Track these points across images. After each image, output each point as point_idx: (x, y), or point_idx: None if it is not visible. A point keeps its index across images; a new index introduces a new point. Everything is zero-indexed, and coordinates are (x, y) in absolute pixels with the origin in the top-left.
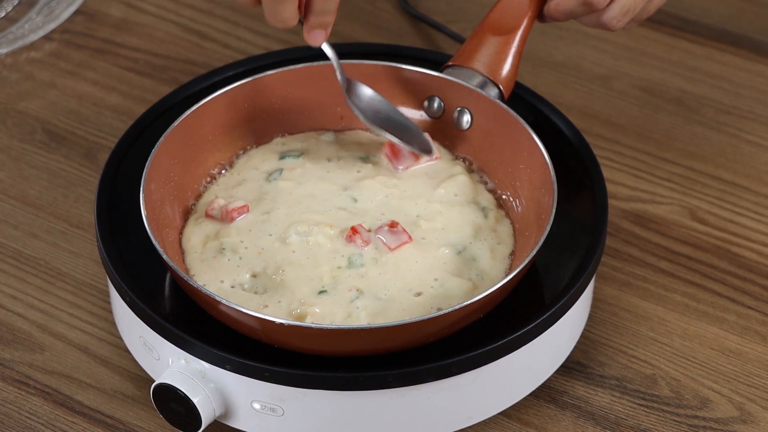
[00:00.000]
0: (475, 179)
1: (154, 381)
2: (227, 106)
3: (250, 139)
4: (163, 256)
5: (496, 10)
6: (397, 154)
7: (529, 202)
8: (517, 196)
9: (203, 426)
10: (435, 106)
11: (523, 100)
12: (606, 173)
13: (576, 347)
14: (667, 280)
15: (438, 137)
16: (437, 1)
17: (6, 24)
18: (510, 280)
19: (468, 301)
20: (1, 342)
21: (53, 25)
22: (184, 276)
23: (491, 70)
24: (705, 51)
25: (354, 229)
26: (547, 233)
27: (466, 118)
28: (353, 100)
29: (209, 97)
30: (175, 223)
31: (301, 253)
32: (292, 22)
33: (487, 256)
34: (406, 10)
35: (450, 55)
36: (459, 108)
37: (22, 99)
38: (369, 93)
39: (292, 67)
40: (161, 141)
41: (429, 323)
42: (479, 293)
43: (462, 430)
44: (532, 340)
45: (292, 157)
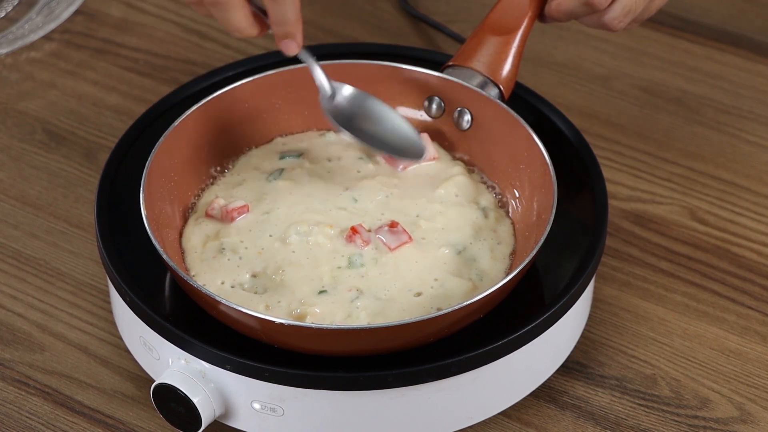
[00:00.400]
0: (475, 179)
1: (154, 381)
2: (227, 106)
3: (251, 139)
4: (163, 256)
5: (496, 10)
6: None
7: (529, 202)
8: (517, 196)
9: (203, 426)
10: (435, 106)
11: (523, 100)
12: (606, 173)
13: (576, 347)
14: (667, 280)
15: (438, 137)
16: (437, 1)
17: (6, 24)
18: (510, 280)
19: (468, 301)
20: (1, 342)
21: (53, 25)
22: (185, 276)
23: (491, 70)
24: (705, 51)
25: (354, 229)
26: (547, 233)
27: (466, 118)
28: (334, 107)
29: (210, 96)
30: (175, 223)
31: (301, 253)
32: (249, 31)
33: (487, 256)
34: (406, 10)
35: (450, 55)
36: (459, 108)
37: (22, 99)
38: (355, 97)
39: (292, 67)
40: (161, 141)
41: (429, 323)
42: (479, 293)
43: (462, 430)
44: (532, 340)
45: (292, 157)
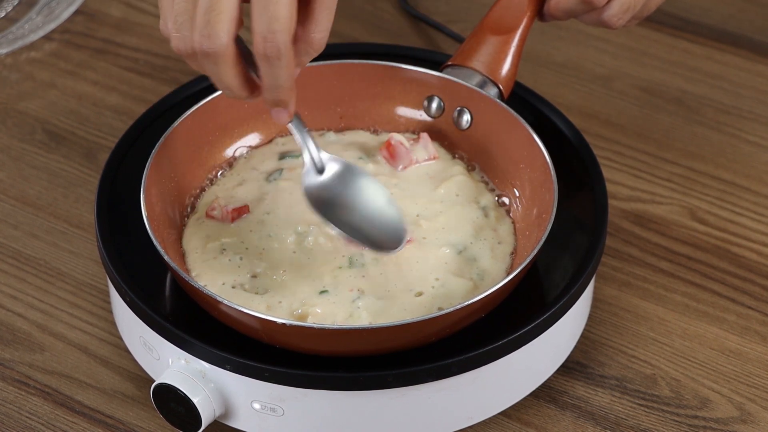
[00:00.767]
0: (475, 179)
1: (154, 381)
2: (227, 106)
3: (251, 139)
4: (164, 256)
5: (495, 9)
6: (393, 154)
7: (530, 202)
8: (517, 195)
9: (203, 426)
10: (434, 105)
11: (523, 100)
12: (606, 173)
13: (576, 347)
14: (667, 280)
15: (438, 137)
16: (437, 1)
17: (6, 24)
18: (512, 279)
19: (469, 301)
20: (1, 342)
21: (53, 25)
22: (186, 277)
23: (491, 69)
24: (705, 51)
25: None
26: (548, 233)
27: (466, 117)
28: (320, 185)
29: (209, 97)
30: (176, 224)
31: (302, 253)
32: (239, 91)
33: (488, 255)
34: (406, 10)
35: (450, 55)
36: (459, 108)
37: (22, 99)
38: (344, 173)
39: None
40: (161, 141)
41: (430, 323)
42: (480, 293)
43: (462, 430)
44: (532, 340)
45: (292, 157)
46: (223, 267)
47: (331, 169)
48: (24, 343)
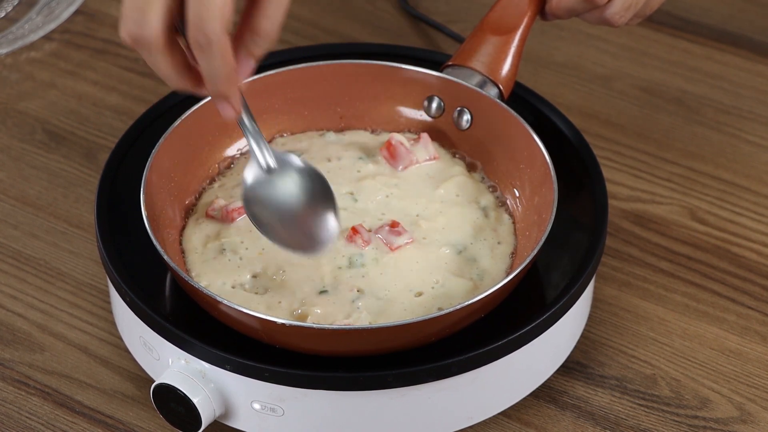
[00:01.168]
0: (475, 179)
1: (154, 381)
2: None
3: None
4: (164, 256)
5: (495, 9)
6: (394, 154)
7: (530, 202)
8: (517, 195)
9: (203, 426)
10: (435, 105)
11: (523, 100)
12: (606, 173)
13: (576, 347)
14: (667, 280)
15: (438, 137)
16: (437, 1)
17: (6, 24)
18: (511, 279)
19: (469, 301)
20: (1, 342)
21: (53, 25)
22: (186, 277)
23: (491, 69)
24: (705, 51)
25: (354, 229)
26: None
27: (466, 117)
28: (265, 187)
29: (209, 97)
30: (176, 224)
31: None
32: (176, 82)
33: (488, 255)
34: (406, 10)
35: (450, 55)
36: (459, 108)
37: (22, 99)
38: (296, 174)
39: (292, 67)
40: (161, 141)
41: (430, 323)
42: (480, 293)
43: (462, 430)
44: (532, 340)
45: None
46: (223, 267)
47: (281, 169)
48: (24, 343)
